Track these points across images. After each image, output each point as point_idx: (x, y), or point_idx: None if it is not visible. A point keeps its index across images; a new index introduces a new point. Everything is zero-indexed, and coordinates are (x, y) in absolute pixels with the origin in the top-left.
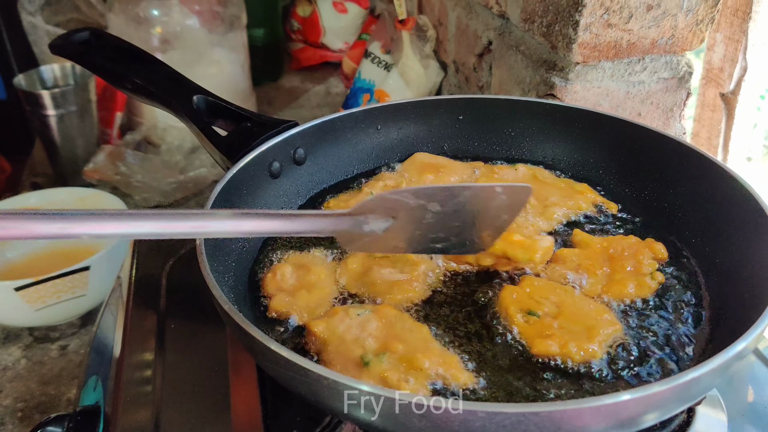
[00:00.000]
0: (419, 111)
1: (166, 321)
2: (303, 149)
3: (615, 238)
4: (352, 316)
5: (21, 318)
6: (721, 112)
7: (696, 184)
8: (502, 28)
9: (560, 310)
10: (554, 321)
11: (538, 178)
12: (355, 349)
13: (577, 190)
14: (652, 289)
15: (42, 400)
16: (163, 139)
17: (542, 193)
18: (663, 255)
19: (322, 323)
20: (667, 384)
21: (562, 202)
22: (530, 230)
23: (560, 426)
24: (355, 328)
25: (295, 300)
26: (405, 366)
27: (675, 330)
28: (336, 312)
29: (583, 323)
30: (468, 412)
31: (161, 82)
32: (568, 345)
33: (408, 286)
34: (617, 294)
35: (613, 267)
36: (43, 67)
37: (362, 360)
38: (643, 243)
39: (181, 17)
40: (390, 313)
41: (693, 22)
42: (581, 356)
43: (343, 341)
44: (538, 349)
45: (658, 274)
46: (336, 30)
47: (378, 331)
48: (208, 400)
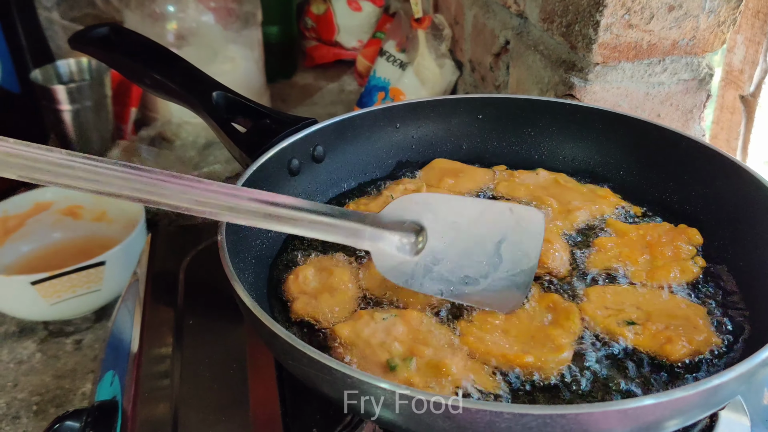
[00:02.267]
0: (438, 110)
1: (184, 317)
2: (322, 147)
3: (649, 225)
4: (378, 320)
5: (36, 312)
6: (741, 114)
7: (718, 186)
8: (520, 28)
9: (645, 311)
10: (654, 324)
11: (560, 182)
12: (381, 354)
13: (599, 194)
14: (695, 274)
15: (57, 393)
16: (178, 135)
17: (565, 197)
18: (699, 240)
19: (348, 327)
20: (692, 389)
21: (585, 205)
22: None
23: (586, 428)
24: (380, 332)
25: (317, 303)
26: (431, 371)
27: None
28: (361, 316)
29: (676, 316)
30: (494, 413)
31: (180, 77)
32: (694, 341)
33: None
34: (665, 280)
35: (652, 254)
36: (60, 62)
37: (389, 364)
38: (678, 229)
39: (196, 13)
40: (416, 318)
41: (715, 23)
42: (706, 346)
43: (368, 345)
44: (676, 355)
45: (699, 259)
46: (350, 28)
47: (404, 335)
48: (227, 397)
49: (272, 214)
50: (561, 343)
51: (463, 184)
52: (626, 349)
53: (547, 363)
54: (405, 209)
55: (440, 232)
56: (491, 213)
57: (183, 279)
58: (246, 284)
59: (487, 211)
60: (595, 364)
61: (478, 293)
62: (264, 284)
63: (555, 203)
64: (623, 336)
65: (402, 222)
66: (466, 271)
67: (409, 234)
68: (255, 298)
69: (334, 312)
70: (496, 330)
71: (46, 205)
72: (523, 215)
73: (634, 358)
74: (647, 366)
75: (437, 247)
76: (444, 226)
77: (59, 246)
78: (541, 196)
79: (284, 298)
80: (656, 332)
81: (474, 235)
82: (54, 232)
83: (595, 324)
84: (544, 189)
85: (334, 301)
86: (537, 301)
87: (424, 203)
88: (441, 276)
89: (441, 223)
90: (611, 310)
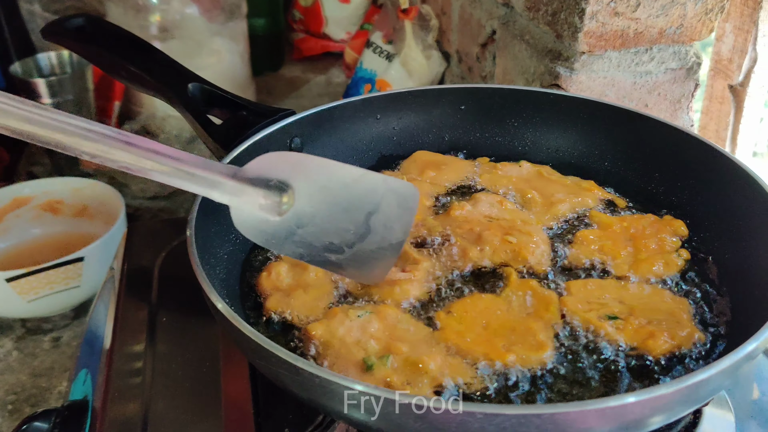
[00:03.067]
0: (420, 100)
1: (157, 314)
2: (300, 139)
3: (634, 217)
4: (352, 317)
5: (13, 309)
6: (730, 104)
7: (705, 177)
8: (506, 17)
9: (627, 305)
10: (637, 318)
11: (544, 175)
12: (357, 352)
13: (583, 187)
14: (679, 267)
15: (33, 392)
16: (162, 129)
17: (548, 190)
18: (684, 232)
19: (321, 326)
20: (674, 386)
21: (568, 198)
22: (533, 227)
23: (563, 428)
24: (355, 330)
25: (291, 300)
26: (409, 369)
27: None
28: (335, 313)
29: (659, 311)
30: (466, 413)
31: (156, 69)
32: (677, 336)
33: (409, 285)
34: (649, 274)
35: (636, 246)
36: (40, 55)
37: (365, 363)
38: (663, 221)
39: (180, 5)
40: (391, 314)
41: (702, 11)
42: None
43: (344, 344)
44: (658, 350)
45: (683, 251)
46: (338, 20)
47: (380, 332)
48: (199, 395)
49: (126, 150)
50: (541, 340)
51: (445, 175)
52: (607, 344)
53: (528, 361)
54: (274, 167)
55: (308, 195)
56: (366, 182)
57: (158, 275)
58: (216, 281)
59: (361, 180)
60: (577, 359)
61: (341, 261)
62: (237, 281)
63: (537, 195)
64: (604, 330)
65: (268, 179)
66: (331, 238)
67: (274, 193)
68: (226, 295)
69: (308, 308)
70: (476, 322)
71: (25, 200)
72: (398, 189)
73: (617, 354)
74: (630, 361)
75: (304, 210)
76: (313, 190)
77: (38, 242)
78: (523, 188)
79: (257, 295)
80: (638, 327)
81: (344, 202)
82: (33, 227)
83: (576, 318)
84: (527, 181)
85: (308, 297)
86: (516, 288)
87: (297, 163)
88: (304, 240)
89: (311, 186)
90: (593, 304)
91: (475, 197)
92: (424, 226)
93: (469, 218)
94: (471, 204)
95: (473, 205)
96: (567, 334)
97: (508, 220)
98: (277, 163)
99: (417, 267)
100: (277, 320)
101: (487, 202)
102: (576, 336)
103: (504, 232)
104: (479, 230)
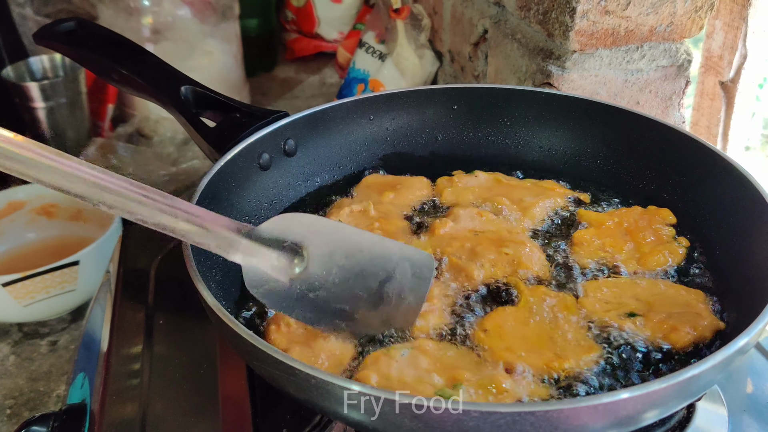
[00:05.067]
0: (412, 101)
1: (154, 316)
2: (293, 140)
3: (621, 212)
4: (396, 357)
5: (9, 314)
6: (721, 100)
7: (696, 174)
8: (498, 16)
9: (645, 302)
10: (656, 314)
11: (503, 181)
12: (425, 389)
13: (544, 187)
14: (682, 255)
15: (31, 397)
16: (156, 131)
17: (514, 195)
18: (672, 219)
19: (372, 374)
20: (666, 381)
21: (537, 200)
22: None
23: (557, 426)
24: (407, 368)
25: (315, 351)
26: (485, 393)
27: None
28: (377, 358)
29: (677, 304)
30: (463, 412)
31: (148, 72)
32: (698, 326)
33: (431, 315)
34: (657, 266)
35: (635, 240)
36: (32, 59)
37: (441, 396)
38: (650, 211)
39: (172, 7)
40: (431, 345)
41: (692, 8)
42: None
43: (405, 384)
44: (681, 343)
45: (682, 239)
46: (330, 20)
47: (432, 365)
48: (197, 397)
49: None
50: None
51: (404, 195)
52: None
53: (582, 363)
54: (288, 228)
55: (321, 258)
56: (380, 249)
57: (154, 277)
58: (213, 283)
59: (376, 246)
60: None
61: (350, 328)
62: (232, 283)
63: (508, 202)
64: (627, 328)
65: (282, 241)
66: (342, 304)
67: (288, 254)
68: (222, 297)
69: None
70: (515, 335)
71: (20, 204)
72: (414, 257)
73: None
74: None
75: (316, 273)
76: (327, 253)
77: (34, 246)
78: (491, 198)
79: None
80: (659, 322)
81: (357, 268)
82: (28, 232)
83: (597, 317)
84: (488, 190)
85: (331, 345)
86: (532, 296)
87: (310, 225)
88: (315, 304)
89: (324, 249)
90: (611, 303)
91: (454, 213)
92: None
93: (455, 235)
94: (452, 220)
95: (455, 221)
96: (595, 333)
97: (493, 232)
98: (292, 224)
99: (430, 294)
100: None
101: (467, 215)
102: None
103: (495, 244)
104: (470, 246)
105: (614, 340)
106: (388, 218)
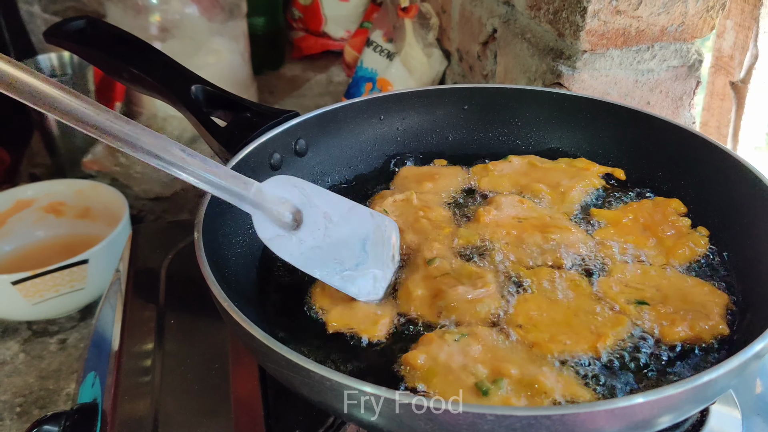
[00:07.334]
0: (423, 101)
1: (165, 315)
2: (304, 140)
3: (633, 207)
4: (450, 341)
5: (18, 312)
6: (731, 101)
7: (708, 174)
8: (508, 16)
9: (663, 293)
10: (665, 307)
11: (537, 165)
12: (467, 378)
13: (579, 167)
14: (705, 244)
15: (41, 395)
16: (163, 129)
17: (551, 179)
18: (683, 209)
19: (422, 353)
20: (682, 386)
21: (573, 182)
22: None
23: (573, 429)
24: (456, 354)
25: (353, 312)
26: (526, 390)
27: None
28: (431, 339)
29: (693, 302)
30: (476, 415)
31: (158, 71)
32: (696, 327)
33: (488, 299)
34: (687, 258)
35: (656, 235)
36: (40, 57)
37: (478, 389)
38: (657, 202)
39: (180, 5)
40: (487, 334)
41: (704, 8)
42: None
43: (450, 370)
44: (669, 338)
45: (701, 228)
46: (337, 18)
47: (483, 355)
48: (209, 396)
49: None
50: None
51: (442, 184)
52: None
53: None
54: (285, 188)
55: (314, 220)
56: (356, 214)
57: (165, 277)
58: (225, 283)
59: (353, 211)
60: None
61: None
62: (244, 283)
63: (546, 188)
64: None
65: (283, 199)
66: (338, 257)
67: (287, 212)
68: (236, 297)
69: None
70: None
71: (28, 202)
72: (379, 222)
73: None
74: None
75: (313, 233)
76: (318, 216)
77: (42, 244)
78: (529, 185)
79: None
80: (663, 314)
81: (344, 230)
82: (36, 230)
83: (607, 299)
84: (525, 175)
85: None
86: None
87: (302, 189)
88: (321, 259)
89: (316, 212)
90: (630, 288)
91: (495, 200)
92: (460, 238)
93: (500, 222)
94: (495, 208)
95: (497, 209)
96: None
97: (536, 218)
98: (287, 186)
99: (485, 280)
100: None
101: (509, 203)
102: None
103: (541, 230)
104: (516, 233)
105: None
106: (431, 207)
